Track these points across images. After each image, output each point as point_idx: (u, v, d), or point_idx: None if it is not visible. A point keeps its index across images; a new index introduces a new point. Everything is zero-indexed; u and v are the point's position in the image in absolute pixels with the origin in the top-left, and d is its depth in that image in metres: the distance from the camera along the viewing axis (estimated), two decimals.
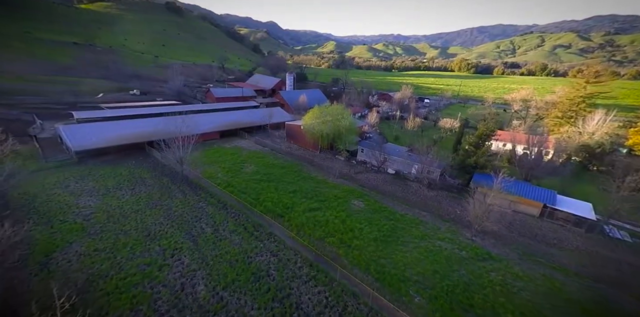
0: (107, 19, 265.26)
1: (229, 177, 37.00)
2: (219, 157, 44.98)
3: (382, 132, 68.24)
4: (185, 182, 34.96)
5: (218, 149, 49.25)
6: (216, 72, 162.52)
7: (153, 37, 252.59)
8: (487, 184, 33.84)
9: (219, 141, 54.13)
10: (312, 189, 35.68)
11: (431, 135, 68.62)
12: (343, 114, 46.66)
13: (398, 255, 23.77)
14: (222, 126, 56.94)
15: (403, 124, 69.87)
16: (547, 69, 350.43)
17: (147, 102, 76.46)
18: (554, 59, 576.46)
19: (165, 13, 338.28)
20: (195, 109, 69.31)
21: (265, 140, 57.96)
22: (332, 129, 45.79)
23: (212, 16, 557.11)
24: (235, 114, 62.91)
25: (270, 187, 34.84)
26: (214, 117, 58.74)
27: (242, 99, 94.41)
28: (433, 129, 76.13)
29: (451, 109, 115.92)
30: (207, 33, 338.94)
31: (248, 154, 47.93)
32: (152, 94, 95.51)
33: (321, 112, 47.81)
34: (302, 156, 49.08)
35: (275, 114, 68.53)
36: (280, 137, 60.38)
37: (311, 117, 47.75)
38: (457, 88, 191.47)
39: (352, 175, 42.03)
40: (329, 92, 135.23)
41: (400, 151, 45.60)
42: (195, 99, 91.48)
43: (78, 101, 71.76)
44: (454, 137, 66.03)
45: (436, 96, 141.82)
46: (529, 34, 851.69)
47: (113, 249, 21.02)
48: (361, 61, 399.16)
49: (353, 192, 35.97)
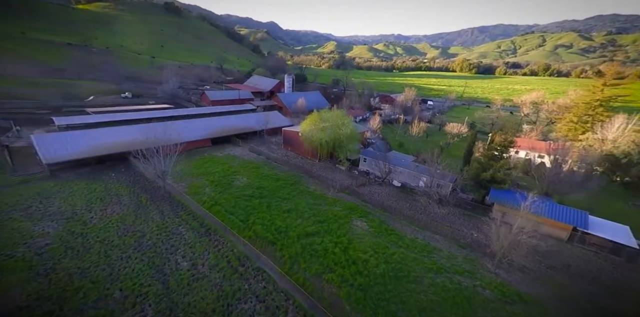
0: (104, 20, 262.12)
1: (217, 193, 33.10)
2: (208, 168, 41.09)
3: (385, 138, 64.36)
4: (167, 199, 31.09)
5: (209, 158, 45.37)
6: (214, 73, 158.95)
7: (151, 38, 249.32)
8: (507, 202, 29.91)
9: (211, 149, 50.25)
10: (309, 206, 31.78)
11: (437, 141, 64.67)
12: (344, 121, 42.74)
13: (411, 297, 19.82)
14: (215, 132, 53.07)
15: (407, 128, 65.98)
16: (550, 69, 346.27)
17: (138, 105, 72.71)
18: (556, 58, 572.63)
19: (164, 13, 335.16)
20: (186, 113, 65.60)
21: (260, 147, 54.07)
22: (331, 136, 41.90)
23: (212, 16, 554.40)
24: (229, 118, 59.06)
25: (262, 205, 30.93)
26: (206, 122, 54.89)
27: (239, 102, 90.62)
28: (438, 134, 72.18)
29: (455, 111, 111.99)
30: (206, 33, 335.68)
31: (241, 163, 44.03)
32: (146, 96, 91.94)
33: (320, 118, 43.91)
34: (299, 166, 45.19)
35: (272, 119, 64.64)
36: (277, 143, 56.51)
37: (309, 124, 43.85)
38: (460, 89, 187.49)
39: (354, 188, 38.11)
40: (329, 93, 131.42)
41: (406, 161, 41.66)
42: (190, 102, 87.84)
43: (65, 105, 68.04)
44: (462, 143, 62.08)
45: (439, 98, 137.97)
46: (530, 34, 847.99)
47: (61, 296, 17.09)
48: (362, 61, 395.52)
49: (355, 209, 32.03)
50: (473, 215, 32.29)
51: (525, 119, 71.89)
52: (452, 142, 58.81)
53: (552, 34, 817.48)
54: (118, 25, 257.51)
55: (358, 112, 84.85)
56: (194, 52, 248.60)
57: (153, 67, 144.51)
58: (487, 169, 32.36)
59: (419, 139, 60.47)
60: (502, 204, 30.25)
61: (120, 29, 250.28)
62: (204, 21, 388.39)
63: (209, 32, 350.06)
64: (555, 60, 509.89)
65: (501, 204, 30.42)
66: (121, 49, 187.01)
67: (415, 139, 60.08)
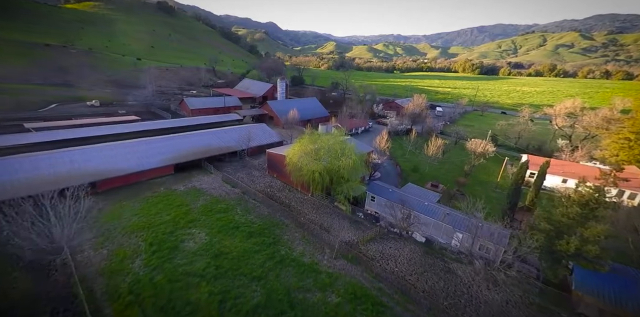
0: (93, 19, 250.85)
1: (150, 270, 21.65)
2: (156, 215, 29.63)
3: (395, 158, 52.92)
4: (62, 290, 19.58)
5: (164, 196, 33.91)
6: (204, 75, 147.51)
7: (141, 38, 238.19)
8: (607, 295, 18.57)
9: (172, 179, 38.79)
10: (291, 293, 20.42)
11: (456, 160, 53.30)
12: (344, 148, 31.35)
13: None
14: (180, 156, 41.60)
15: (417, 142, 54.57)
16: (556, 70, 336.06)
17: (99, 118, 61.25)
18: (557, 58, 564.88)
19: (157, 13, 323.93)
20: (152, 127, 54.15)
21: (238, 173, 42.66)
22: (328, 168, 30.57)
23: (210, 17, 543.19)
24: (202, 136, 47.48)
25: (214, 297, 19.49)
26: (170, 142, 43.36)
27: (224, 110, 79.11)
28: (455, 150, 60.83)
29: (468, 118, 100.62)
30: (200, 34, 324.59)
31: (206, 204, 32.60)
32: (118, 104, 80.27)
33: (313, 143, 32.53)
34: (285, 204, 33.85)
35: (257, 134, 53.27)
36: (260, 168, 45.06)
37: (299, 150, 32.48)
38: (467, 92, 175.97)
39: (360, 248, 26.75)
40: (327, 98, 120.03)
41: (431, 205, 30.13)
42: (168, 111, 76.42)
43: (5, 117, 56.47)
44: (491, 165, 50.71)
45: (448, 103, 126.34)
46: (530, 34, 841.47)
47: None
48: (362, 62, 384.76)
49: (363, 298, 20.66)
50: (547, 306, 20.90)
51: (559, 133, 60.63)
52: (476, 164, 47.57)
53: (552, 33, 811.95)
54: (106, 25, 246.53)
55: (360, 122, 73.54)
56: (186, 53, 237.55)
57: (137, 70, 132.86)
58: (563, 234, 20.97)
59: (434, 158, 49.03)
60: (599, 297, 18.91)
61: (108, 29, 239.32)
62: (199, 21, 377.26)
63: (204, 32, 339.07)
64: (557, 60, 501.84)
65: (596, 297, 19.08)
66: (106, 50, 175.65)
67: (430, 159, 48.69)
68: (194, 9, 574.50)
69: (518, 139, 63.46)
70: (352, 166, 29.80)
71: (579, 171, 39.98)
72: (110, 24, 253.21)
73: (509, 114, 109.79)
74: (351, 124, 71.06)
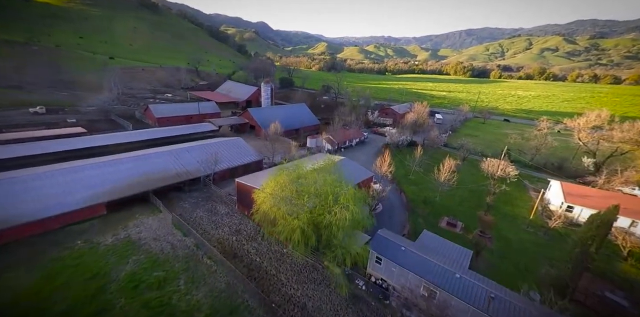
0: (67, 15, 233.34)
1: None
2: (46, 299, 19.14)
3: (400, 184, 43.50)
4: None
5: (75, 257, 23.30)
6: (185, 76, 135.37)
7: (120, 36, 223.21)
8: None
9: (100, 224, 28.11)
10: None
11: (471, 184, 44.43)
12: (339, 192, 21.56)
13: None
14: (117, 189, 30.90)
15: (418, 157, 45.33)
16: (546, 73, 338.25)
17: (35, 130, 49.53)
18: (543, 61, 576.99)
19: (139, 9, 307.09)
20: (97, 144, 43.00)
21: (198, 209, 32.41)
22: (315, 222, 20.86)
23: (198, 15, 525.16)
24: (152, 159, 36.67)
25: None
26: (105, 169, 32.49)
27: (198, 119, 68.10)
28: (466, 168, 52.02)
29: (469, 127, 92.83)
30: (186, 32, 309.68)
31: (134, 272, 22.23)
32: (70, 111, 67.79)
33: (294, 181, 22.70)
34: (254, 266, 23.91)
35: (230, 152, 43.01)
36: (228, 201, 34.90)
37: (272, 193, 22.59)
38: (463, 95, 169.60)
39: None
40: (318, 102, 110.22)
41: (466, 284, 20.56)
42: (131, 119, 64.94)
43: None
44: (513, 192, 41.98)
45: (446, 108, 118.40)
46: (516, 37, 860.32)
47: None
48: (353, 63, 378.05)
49: None
50: None
51: (582, 149, 52.82)
52: (496, 191, 38.79)
53: (537, 37, 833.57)
54: (82, 21, 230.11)
55: (354, 133, 64.14)
56: (169, 52, 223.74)
57: (108, 70, 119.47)
58: None
59: (445, 184, 39.86)
60: None
61: (83, 25, 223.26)
62: (185, 19, 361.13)
63: (190, 30, 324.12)
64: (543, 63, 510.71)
65: None
66: (77, 48, 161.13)
67: (442, 185, 39.52)
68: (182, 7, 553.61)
69: (535, 155, 55.41)
70: (349, 221, 20.06)
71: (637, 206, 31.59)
72: (87, 20, 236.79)
73: (512, 121, 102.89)
74: (344, 136, 61.65)
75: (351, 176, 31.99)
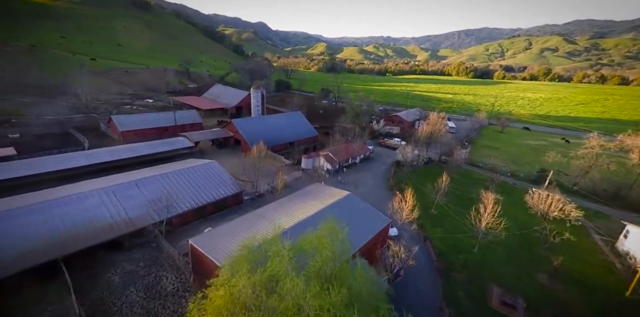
0: (52, 14, 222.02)
1: None
2: None
3: (429, 239, 32.76)
4: None
5: None
6: (173, 79, 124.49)
7: (108, 35, 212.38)
8: None
9: None
10: None
11: (513, 224, 33.93)
12: None
13: None
14: (9, 259, 20.43)
15: (439, 186, 34.83)
16: (551, 74, 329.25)
17: None
18: (544, 61, 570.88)
19: (130, 8, 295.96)
20: (25, 173, 32.34)
21: (131, 287, 21.82)
22: None
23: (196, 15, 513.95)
24: (76, 204, 26.03)
25: None
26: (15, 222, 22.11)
27: (173, 131, 57.46)
28: (504, 201, 41.54)
29: (487, 137, 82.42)
30: (179, 32, 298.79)
31: None
32: (20, 122, 56.53)
33: (264, 285, 12.24)
34: None
35: (195, 186, 32.55)
36: (183, 266, 24.36)
37: (229, 307, 12.04)
38: (469, 98, 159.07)
39: None
40: (317, 108, 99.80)
41: None
42: (94, 132, 54.30)
43: None
44: (584, 244, 31.54)
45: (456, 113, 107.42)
46: (516, 37, 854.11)
47: None
48: (353, 64, 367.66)
49: None
50: None
51: (638, 170, 42.68)
52: (556, 241, 28.49)
53: (537, 37, 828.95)
54: (69, 20, 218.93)
55: (357, 148, 53.56)
56: (159, 53, 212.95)
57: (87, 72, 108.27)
58: None
59: (488, 230, 29.50)
60: None
61: (70, 24, 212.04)
62: (179, 19, 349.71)
63: (184, 30, 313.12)
64: (544, 64, 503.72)
65: None
66: (58, 48, 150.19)
67: (481, 233, 29.19)
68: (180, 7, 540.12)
69: (578, 178, 45.18)
70: None
71: None
72: (74, 19, 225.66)
73: (532, 129, 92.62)
74: (347, 153, 51.39)
75: (359, 229, 22.13)
